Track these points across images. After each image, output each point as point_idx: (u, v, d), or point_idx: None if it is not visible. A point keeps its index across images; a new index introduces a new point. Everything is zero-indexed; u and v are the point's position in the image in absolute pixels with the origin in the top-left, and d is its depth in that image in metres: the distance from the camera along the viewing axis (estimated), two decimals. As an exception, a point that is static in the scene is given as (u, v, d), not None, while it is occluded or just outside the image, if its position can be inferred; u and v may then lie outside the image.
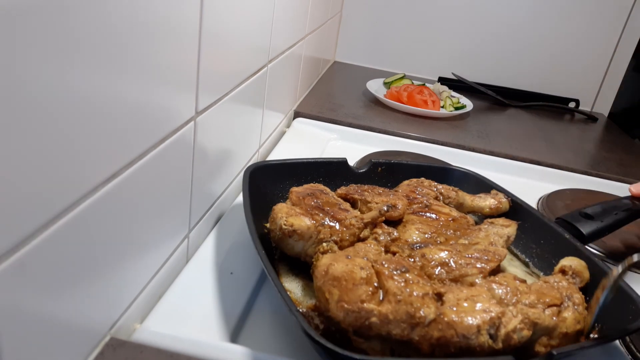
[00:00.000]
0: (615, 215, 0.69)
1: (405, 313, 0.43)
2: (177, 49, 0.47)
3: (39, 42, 0.29)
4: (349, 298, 0.44)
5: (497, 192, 0.73)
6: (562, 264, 0.57)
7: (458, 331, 0.43)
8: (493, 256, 0.55)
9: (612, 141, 1.32)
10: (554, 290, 0.50)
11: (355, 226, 0.57)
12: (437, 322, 0.43)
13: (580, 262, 0.57)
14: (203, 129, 0.57)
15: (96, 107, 0.36)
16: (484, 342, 0.43)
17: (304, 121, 1.09)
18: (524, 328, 0.45)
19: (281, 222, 0.55)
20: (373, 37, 1.62)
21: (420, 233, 0.60)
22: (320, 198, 0.61)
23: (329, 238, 0.55)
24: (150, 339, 0.47)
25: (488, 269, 0.53)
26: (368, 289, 0.45)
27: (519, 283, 0.49)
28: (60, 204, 0.34)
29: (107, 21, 0.35)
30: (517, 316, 0.45)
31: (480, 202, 0.72)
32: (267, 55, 0.78)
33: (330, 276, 0.46)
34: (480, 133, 1.18)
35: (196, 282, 0.57)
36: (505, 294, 0.47)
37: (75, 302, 0.39)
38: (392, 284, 0.45)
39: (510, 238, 0.62)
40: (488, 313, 0.44)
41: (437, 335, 0.43)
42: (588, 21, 1.50)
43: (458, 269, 0.52)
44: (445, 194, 0.70)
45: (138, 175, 0.44)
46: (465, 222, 0.64)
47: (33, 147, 0.31)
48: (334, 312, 0.45)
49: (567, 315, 0.47)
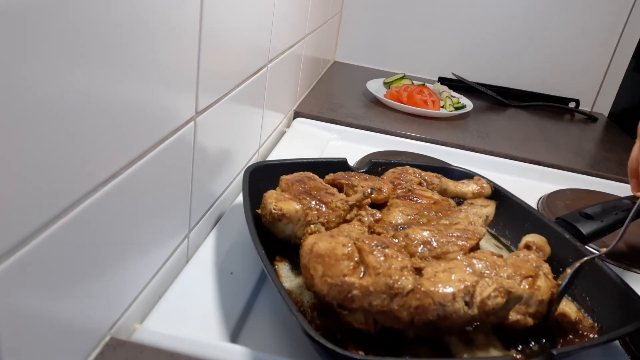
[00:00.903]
0: (615, 215, 0.69)
1: (385, 284, 0.46)
2: (177, 49, 0.47)
3: (39, 42, 0.29)
4: (332, 273, 0.47)
5: (480, 178, 0.76)
6: (525, 240, 0.61)
7: (435, 299, 0.46)
8: (473, 234, 0.58)
9: (612, 141, 1.32)
10: (527, 263, 0.53)
11: (340, 208, 0.59)
12: (415, 292, 0.46)
13: (541, 238, 0.61)
14: (203, 129, 0.57)
15: (96, 107, 0.36)
16: (459, 308, 0.46)
17: (304, 121, 1.09)
18: (498, 295, 0.48)
19: (271, 206, 0.58)
20: (373, 37, 1.62)
21: (403, 215, 0.63)
22: (308, 184, 0.63)
23: (316, 220, 0.58)
24: (150, 339, 0.47)
25: (468, 246, 0.56)
26: (350, 264, 0.47)
27: (497, 258, 0.53)
28: (60, 204, 0.34)
29: (107, 21, 0.35)
30: (492, 285, 0.48)
31: (464, 187, 0.74)
32: (267, 55, 0.78)
33: (314, 254, 0.49)
34: (480, 133, 1.18)
35: (196, 282, 0.57)
36: (484, 267, 0.50)
37: (75, 302, 0.39)
38: (372, 258, 0.48)
39: (489, 217, 0.66)
40: (463, 282, 0.47)
41: (415, 304, 0.46)
42: (588, 21, 1.50)
43: (440, 247, 0.56)
44: (429, 180, 0.73)
45: (138, 175, 0.44)
46: (447, 205, 0.67)
47: (33, 147, 0.31)
48: (318, 286, 0.48)
49: (540, 283, 0.51)
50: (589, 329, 0.54)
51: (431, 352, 0.49)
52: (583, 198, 0.94)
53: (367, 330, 0.48)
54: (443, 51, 1.60)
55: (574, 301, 0.59)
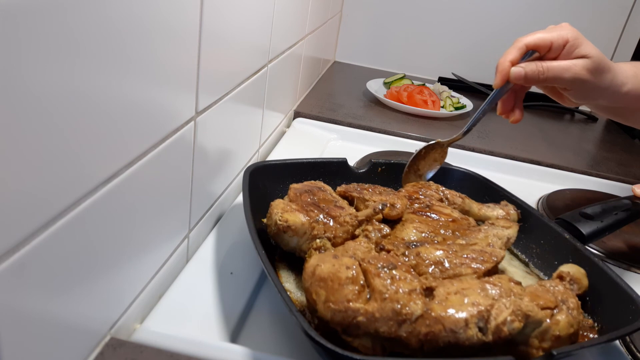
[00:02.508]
0: (615, 215, 0.69)
1: (392, 310, 0.43)
2: (177, 49, 0.47)
3: (38, 42, 0.29)
4: (335, 298, 0.45)
5: (507, 204, 0.71)
6: (560, 270, 0.57)
7: (446, 326, 0.43)
8: (489, 257, 0.54)
9: (612, 141, 1.32)
10: (549, 294, 0.49)
11: (349, 223, 0.57)
12: (425, 318, 0.43)
13: (579, 269, 0.56)
14: (203, 129, 0.57)
15: (96, 107, 0.36)
16: (472, 335, 0.43)
17: (304, 121, 1.09)
18: (515, 320, 0.45)
19: (277, 217, 0.56)
20: (373, 37, 1.62)
21: (417, 232, 0.59)
22: (317, 195, 0.61)
23: (322, 234, 0.56)
24: (150, 339, 0.47)
25: (483, 269, 0.53)
26: (354, 288, 0.45)
27: (514, 285, 0.49)
28: (60, 204, 0.34)
29: (107, 21, 0.35)
30: (509, 307, 0.45)
31: (488, 212, 0.69)
32: (267, 55, 0.78)
33: (317, 277, 0.47)
34: (480, 133, 1.18)
35: (196, 282, 0.57)
36: (498, 295, 0.46)
37: (75, 302, 0.39)
38: (378, 281, 0.45)
39: (511, 240, 0.62)
40: (476, 306, 0.44)
41: (424, 330, 0.43)
42: (588, 21, 1.50)
43: (452, 269, 0.52)
44: (451, 199, 0.69)
45: (138, 175, 0.44)
46: (466, 224, 0.63)
47: (33, 147, 0.31)
48: (322, 312, 0.46)
49: (560, 318, 0.47)
50: (589, 329, 0.54)
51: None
52: (583, 198, 0.94)
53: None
54: (443, 51, 1.60)
55: (574, 301, 0.59)
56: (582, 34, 0.64)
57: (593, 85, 0.64)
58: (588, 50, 0.63)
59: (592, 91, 0.65)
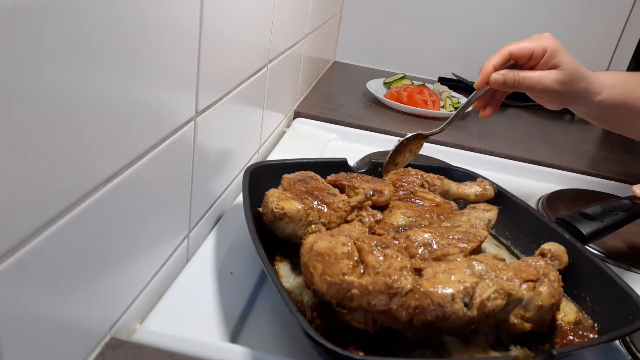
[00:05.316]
0: (615, 215, 0.69)
1: (384, 284, 0.46)
2: (178, 49, 0.47)
3: (40, 42, 0.29)
4: (331, 271, 0.47)
5: (483, 180, 0.76)
6: (542, 247, 0.60)
7: (434, 299, 0.46)
8: (474, 237, 0.58)
9: (612, 141, 1.32)
10: (531, 268, 0.53)
11: (342, 209, 0.59)
12: (414, 292, 0.46)
13: (559, 247, 0.60)
14: (203, 129, 0.57)
15: (96, 107, 0.36)
16: (458, 309, 0.46)
17: (304, 121, 1.09)
18: (498, 297, 0.48)
19: (273, 205, 0.58)
20: (373, 37, 1.62)
21: (405, 217, 0.63)
22: (310, 183, 0.63)
23: (317, 220, 0.58)
24: (150, 339, 0.47)
25: (469, 248, 0.56)
26: (349, 263, 0.47)
27: (498, 261, 0.52)
28: (60, 204, 0.34)
29: (107, 21, 0.35)
30: (492, 286, 0.48)
31: (466, 189, 0.74)
32: (267, 55, 0.78)
33: (314, 252, 0.49)
34: (480, 133, 1.18)
35: (196, 282, 0.57)
36: (484, 270, 0.50)
37: (75, 302, 0.39)
38: (371, 257, 0.48)
39: (491, 221, 0.65)
40: (462, 283, 0.47)
41: (414, 304, 0.46)
42: (588, 21, 1.50)
43: (440, 249, 0.55)
44: (431, 182, 0.73)
45: (138, 175, 0.44)
46: (449, 207, 0.67)
47: (33, 147, 0.31)
48: (318, 285, 0.48)
49: (542, 289, 0.50)
50: (589, 329, 0.54)
51: (430, 353, 0.49)
52: (583, 198, 0.94)
53: (365, 329, 0.48)
54: (443, 51, 1.60)
55: (574, 301, 0.59)
56: (561, 45, 0.70)
57: (564, 94, 0.70)
58: (563, 61, 0.69)
59: (565, 99, 0.72)
